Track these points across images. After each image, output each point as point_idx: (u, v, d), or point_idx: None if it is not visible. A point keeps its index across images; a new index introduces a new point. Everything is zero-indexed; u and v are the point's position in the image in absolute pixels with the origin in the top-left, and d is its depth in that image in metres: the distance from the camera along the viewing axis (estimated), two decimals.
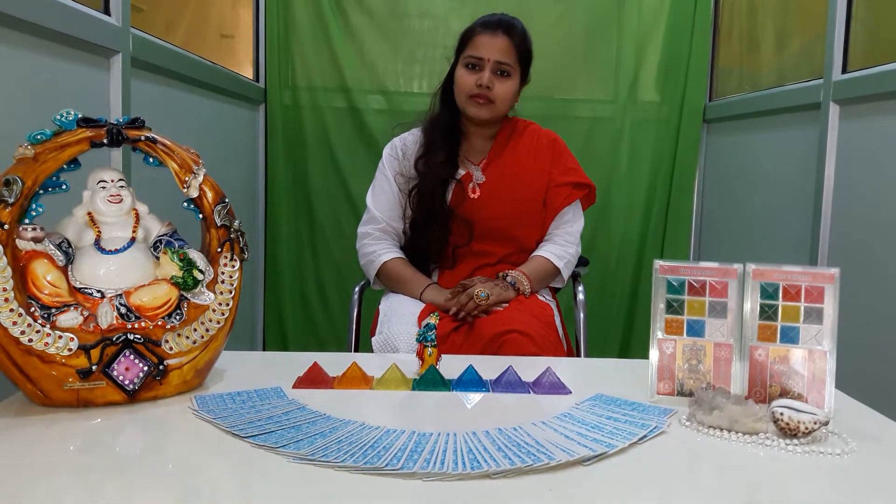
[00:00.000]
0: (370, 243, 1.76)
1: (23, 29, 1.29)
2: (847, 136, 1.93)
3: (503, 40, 1.69)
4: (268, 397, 1.00)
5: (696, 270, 1.03)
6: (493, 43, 1.68)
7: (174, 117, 1.99)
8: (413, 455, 0.80)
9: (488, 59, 1.68)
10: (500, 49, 1.68)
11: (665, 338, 1.04)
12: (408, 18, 2.85)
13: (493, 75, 1.69)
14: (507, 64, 1.69)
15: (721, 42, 2.90)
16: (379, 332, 1.59)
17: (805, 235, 2.07)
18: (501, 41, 1.68)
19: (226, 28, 2.71)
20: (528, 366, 1.15)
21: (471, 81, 1.69)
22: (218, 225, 1.04)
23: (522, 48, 1.72)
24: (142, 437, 0.89)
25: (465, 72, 1.71)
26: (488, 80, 1.68)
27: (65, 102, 1.32)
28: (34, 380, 0.92)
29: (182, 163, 1.02)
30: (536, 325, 1.52)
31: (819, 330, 0.99)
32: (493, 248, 1.75)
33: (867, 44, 1.96)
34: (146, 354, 0.97)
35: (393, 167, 1.78)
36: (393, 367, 1.10)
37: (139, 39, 1.69)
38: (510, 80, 1.71)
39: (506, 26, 1.70)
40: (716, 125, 2.87)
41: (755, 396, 1.01)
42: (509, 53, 1.69)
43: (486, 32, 1.69)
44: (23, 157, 0.93)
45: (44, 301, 0.93)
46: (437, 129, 1.77)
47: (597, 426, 0.92)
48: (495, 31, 1.69)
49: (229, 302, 1.05)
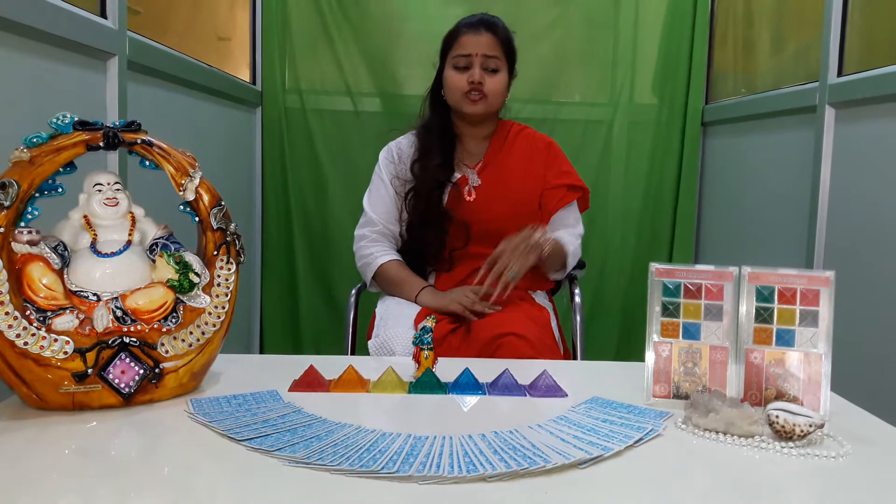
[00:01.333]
0: (367, 245, 1.77)
1: (19, 32, 1.28)
2: (842, 140, 1.94)
3: (487, 36, 1.73)
4: (264, 400, 1.00)
5: (692, 273, 1.03)
6: (478, 40, 1.72)
7: (170, 120, 1.99)
8: (409, 458, 0.80)
9: (476, 54, 1.71)
10: (485, 44, 1.72)
11: (661, 340, 1.04)
12: (405, 21, 2.85)
13: (483, 71, 1.72)
14: (494, 58, 1.73)
15: (717, 45, 2.90)
16: (375, 335, 1.59)
17: (801, 238, 2.07)
18: (486, 37, 1.72)
19: (222, 31, 2.71)
20: (524, 369, 1.15)
21: (462, 80, 1.72)
22: (214, 228, 1.04)
23: (507, 43, 1.76)
24: (137, 440, 0.89)
25: (455, 72, 1.74)
26: (479, 75, 1.71)
27: (61, 105, 1.31)
28: (29, 383, 0.92)
29: (178, 166, 1.02)
30: (533, 328, 1.53)
31: (814, 333, 0.99)
32: (490, 250, 1.74)
33: (862, 47, 1.96)
34: (142, 357, 0.97)
35: (389, 171, 1.79)
36: (389, 370, 1.10)
37: (135, 42, 1.68)
38: (499, 74, 1.74)
39: (487, 24, 1.75)
40: (712, 128, 2.88)
41: (751, 399, 1.01)
42: (495, 48, 1.73)
43: (470, 31, 1.74)
44: (18, 160, 0.93)
45: (39, 304, 0.93)
46: (430, 134, 1.79)
47: (593, 429, 0.92)
48: (478, 29, 1.73)
49: (225, 305, 1.04)
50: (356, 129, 2.85)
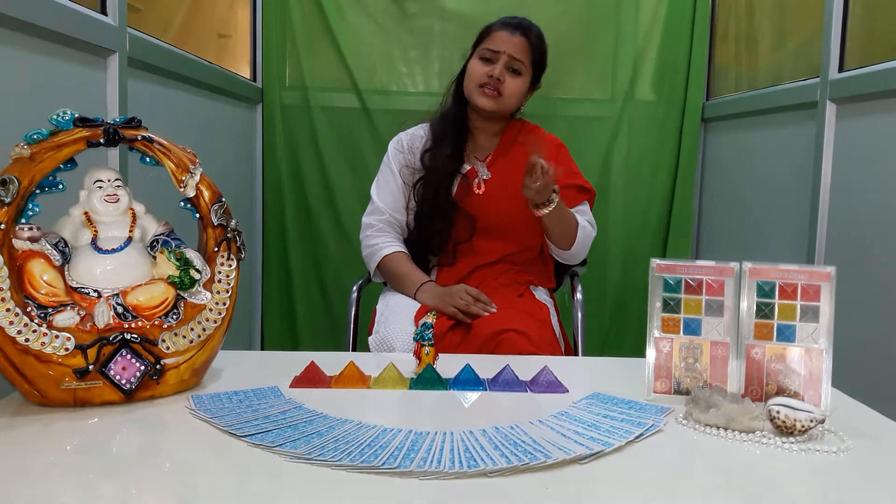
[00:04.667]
0: (373, 235, 1.78)
1: (19, 28, 1.28)
2: (843, 135, 1.94)
3: (521, 39, 1.73)
4: (265, 396, 1.00)
5: (693, 269, 1.03)
6: (510, 40, 1.73)
7: (171, 117, 1.99)
8: (410, 454, 0.80)
9: (503, 51, 1.72)
10: (516, 45, 1.73)
11: (662, 336, 1.04)
12: (406, 18, 2.85)
13: (506, 70, 1.73)
14: (520, 61, 1.73)
15: (718, 40, 2.90)
16: (375, 331, 1.60)
17: (802, 234, 2.07)
18: (519, 40, 1.73)
19: (223, 28, 2.71)
20: (525, 365, 1.15)
21: (482, 71, 1.73)
22: (215, 224, 1.04)
23: (538, 51, 1.77)
24: (139, 436, 0.89)
25: (479, 63, 1.75)
26: (500, 72, 1.72)
27: (61, 102, 1.32)
28: (31, 379, 0.92)
29: (179, 162, 1.02)
30: (533, 325, 1.53)
31: (815, 328, 0.99)
32: (494, 245, 1.76)
33: (864, 42, 1.96)
34: (143, 354, 0.97)
35: (398, 160, 1.81)
36: (390, 367, 1.10)
37: (136, 39, 1.68)
38: (521, 78, 1.75)
39: (524, 27, 1.76)
40: (712, 124, 2.87)
41: (752, 395, 1.01)
42: (524, 52, 1.74)
43: (506, 30, 1.75)
44: (19, 157, 0.93)
45: (40, 301, 0.93)
46: (445, 123, 1.80)
47: (593, 424, 0.92)
48: (514, 30, 1.74)
49: (226, 301, 1.05)
50: (357, 125, 2.84)
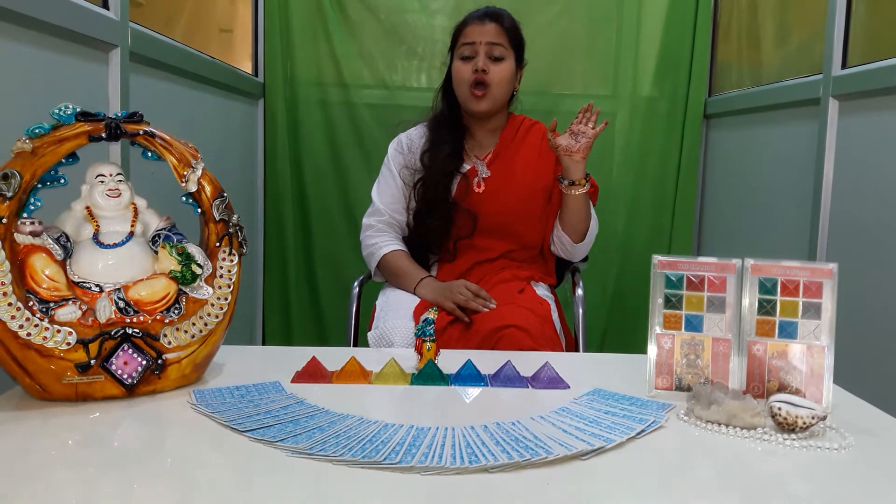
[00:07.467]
0: (372, 235, 1.79)
1: (21, 23, 1.28)
2: (846, 132, 1.93)
3: (492, 26, 1.75)
4: (266, 391, 1.00)
5: (695, 265, 1.03)
6: (483, 29, 1.75)
7: (173, 112, 1.99)
8: (411, 449, 0.80)
9: (480, 42, 1.74)
10: (489, 33, 1.75)
11: (663, 333, 1.04)
12: (407, 13, 2.85)
13: (488, 59, 1.74)
14: (499, 45, 1.75)
15: (720, 37, 2.89)
16: (375, 326, 1.60)
17: (804, 230, 2.07)
18: (491, 27, 1.75)
19: (225, 22, 2.71)
20: (526, 360, 1.15)
21: (467, 71, 1.74)
22: (216, 219, 1.04)
23: (512, 31, 1.78)
24: (140, 431, 0.89)
25: (461, 63, 1.76)
26: (483, 63, 1.73)
27: (63, 96, 1.31)
28: (32, 374, 0.92)
29: (180, 157, 1.02)
30: (533, 321, 1.53)
31: (817, 325, 0.99)
32: (495, 243, 1.77)
33: (867, 39, 1.96)
34: (145, 349, 0.97)
35: (398, 161, 1.81)
36: (391, 362, 1.10)
37: (138, 34, 1.68)
38: (504, 63, 1.76)
39: (492, 14, 1.78)
40: (715, 120, 2.87)
41: (753, 391, 1.01)
42: (499, 36, 1.75)
43: (475, 22, 1.77)
44: (21, 151, 0.93)
45: (42, 295, 0.93)
46: (441, 125, 1.81)
47: (595, 420, 0.92)
48: (483, 19, 1.77)
49: (228, 296, 1.05)
50: (358, 120, 2.84)
